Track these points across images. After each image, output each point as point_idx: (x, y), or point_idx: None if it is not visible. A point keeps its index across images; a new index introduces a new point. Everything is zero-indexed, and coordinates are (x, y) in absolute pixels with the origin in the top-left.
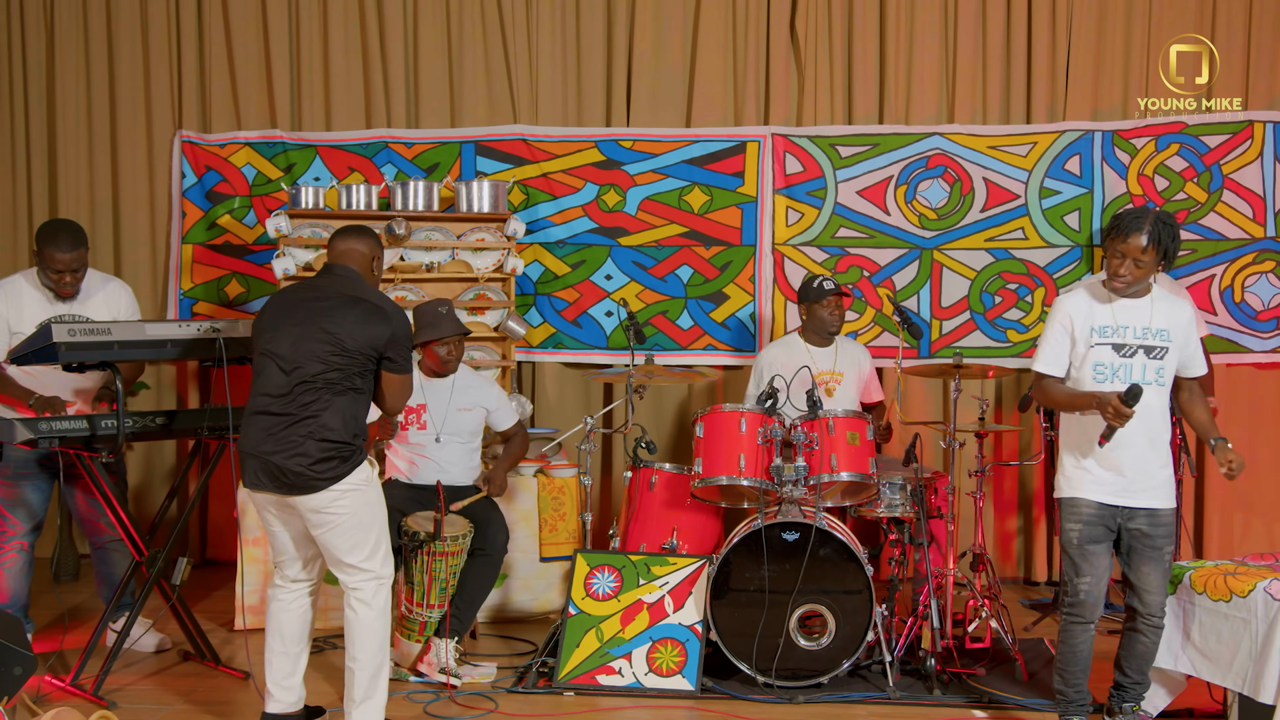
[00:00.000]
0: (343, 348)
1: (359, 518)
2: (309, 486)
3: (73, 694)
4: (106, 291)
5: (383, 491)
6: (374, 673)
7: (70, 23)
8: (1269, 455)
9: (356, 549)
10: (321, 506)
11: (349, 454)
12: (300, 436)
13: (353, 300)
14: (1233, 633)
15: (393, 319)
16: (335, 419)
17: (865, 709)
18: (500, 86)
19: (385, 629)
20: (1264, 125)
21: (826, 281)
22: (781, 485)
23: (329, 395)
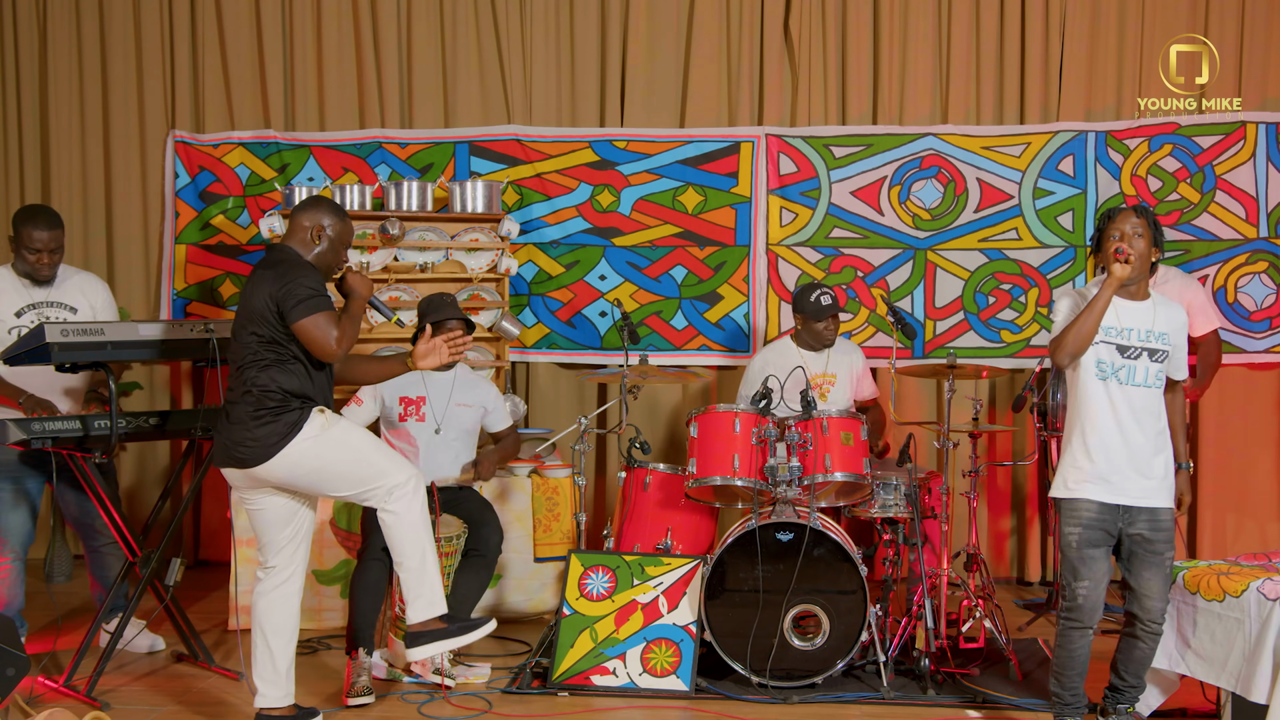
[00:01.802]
0: (250, 321)
1: (327, 462)
2: (260, 456)
3: (66, 695)
4: (81, 278)
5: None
6: (417, 571)
7: (63, 22)
8: (1262, 455)
9: (359, 482)
10: (286, 469)
11: (288, 415)
12: (243, 413)
13: (257, 275)
14: (1226, 632)
15: (282, 269)
16: (269, 386)
17: (859, 709)
18: (494, 86)
19: (418, 527)
20: (1256, 126)
21: (824, 297)
22: (776, 485)
23: (257, 370)
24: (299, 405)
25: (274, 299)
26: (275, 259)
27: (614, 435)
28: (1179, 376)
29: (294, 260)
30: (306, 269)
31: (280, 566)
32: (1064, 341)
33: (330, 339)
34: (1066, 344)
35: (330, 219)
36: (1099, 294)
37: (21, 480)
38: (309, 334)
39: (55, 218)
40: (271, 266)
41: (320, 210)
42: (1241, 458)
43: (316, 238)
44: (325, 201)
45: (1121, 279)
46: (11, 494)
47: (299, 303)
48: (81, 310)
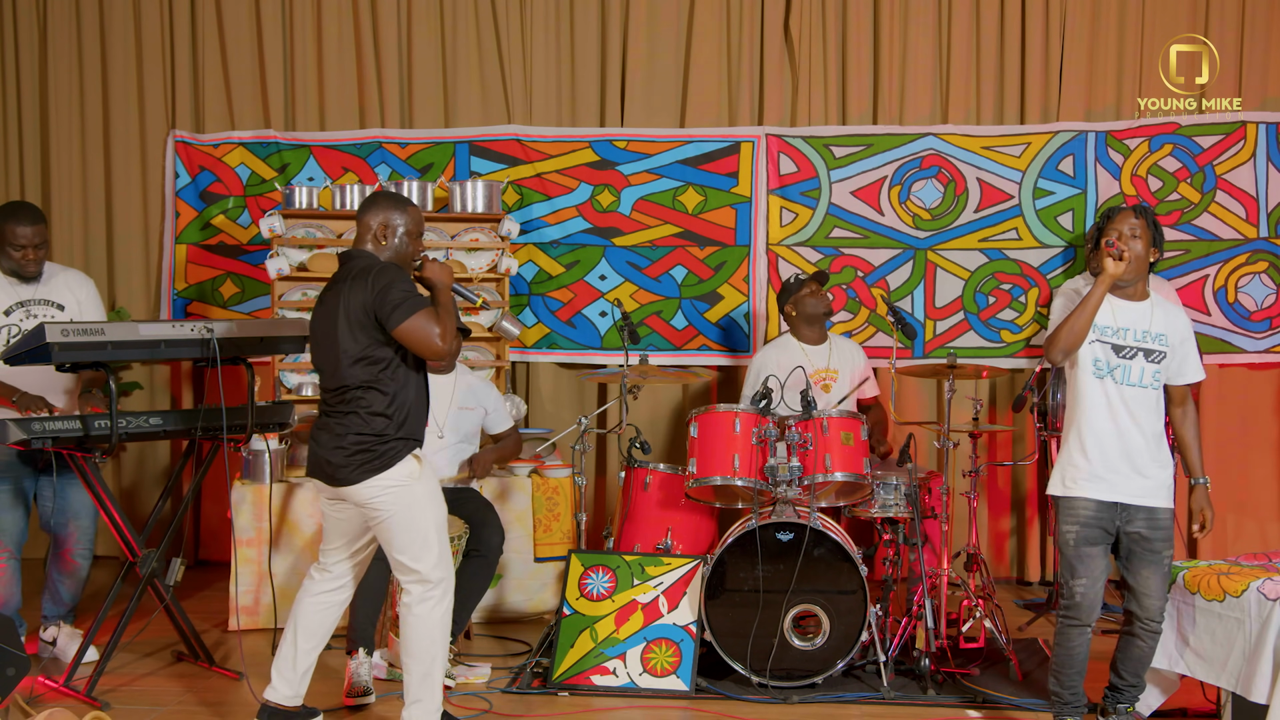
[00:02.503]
0: (346, 334)
1: (401, 516)
2: (346, 479)
3: (66, 695)
4: (68, 275)
5: (427, 497)
6: (422, 676)
7: (63, 22)
8: (1262, 456)
9: (401, 547)
10: (363, 501)
11: (383, 447)
12: (342, 430)
13: (344, 287)
14: (1226, 632)
15: (371, 274)
16: (373, 408)
17: (859, 709)
18: (494, 86)
19: (433, 635)
20: (1257, 126)
21: (801, 274)
22: (776, 485)
23: (362, 392)
24: (398, 439)
25: (369, 309)
26: (357, 267)
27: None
28: (1184, 380)
29: (376, 264)
30: (392, 271)
31: (337, 574)
32: (1057, 338)
33: (434, 337)
34: (1059, 340)
35: (394, 213)
36: (1092, 290)
37: (18, 480)
38: (412, 336)
39: (37, 213)
40: (358, 276)
41: (380, 207)
42: (1241, 458)
43: (383, 236)
44: (383, 197)
45: (1114, 275)
46: (8, 494)
47: (395, 307)
48: (69, 307)
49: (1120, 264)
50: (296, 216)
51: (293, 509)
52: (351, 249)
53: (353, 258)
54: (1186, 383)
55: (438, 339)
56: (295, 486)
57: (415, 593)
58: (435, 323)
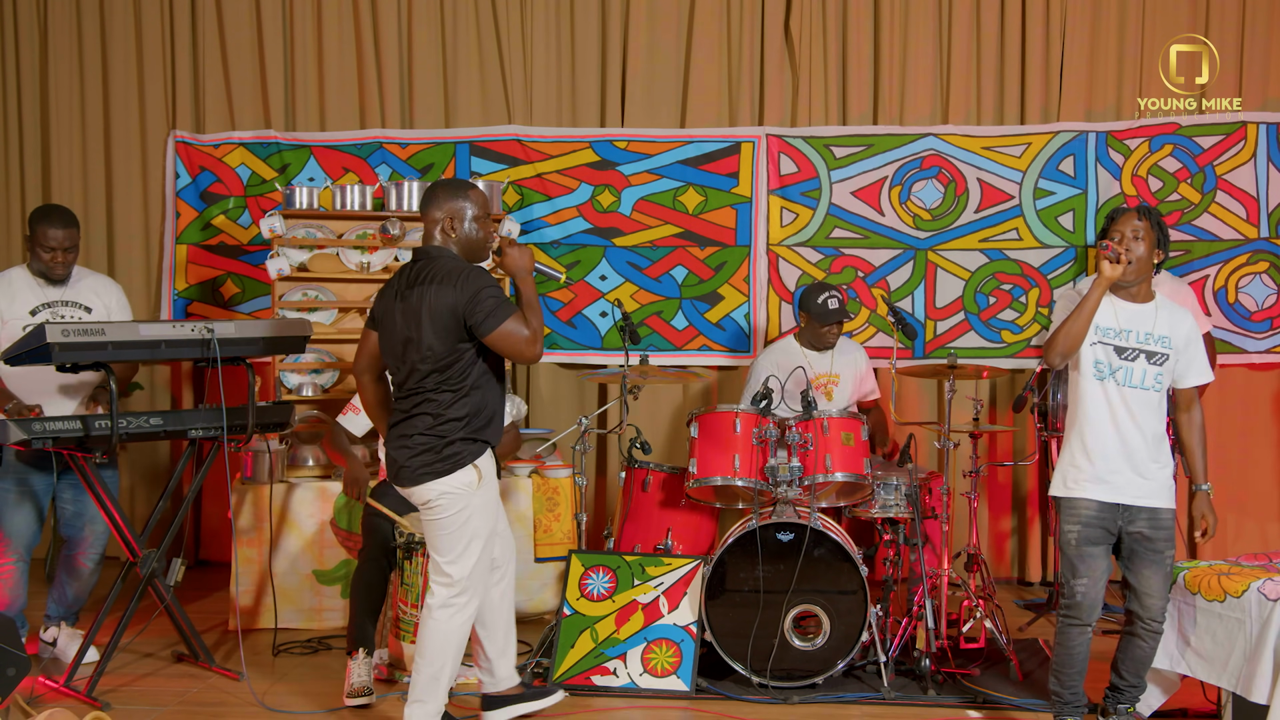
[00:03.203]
0: (426, 337)
1: (451, 521)
2: (409, 479)
3: (66, 695)
4: (96, 280)
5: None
6: (430, 678)
7: (64, 22)
8: (1262, 455)
9: (441, 549)
10: (421, 501)
11: (448, 452)
12: (409, 430)
13: (429, 290)
14: (1227, 633)
15: (459, 278)
16: (443, 415)
17: (860, 709)
18: (494, 87)
19: (448, 640)
20: (1257, 126)
21: (831, 300)
22: (776, 486)
23: (436, 394)
24: (464, 441)
25: (458, 313)
26: (442, 269)
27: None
28: (1189, 383)
29: (461, 267)
30: (477, 273)
31: None
32: (1054, 341)
33: (524, 340)
34: (1057, 343)
35: (458, 200)
36: (1089, 293)
37: (27, 480)
38: (505, 342)
39: (70, 216)
40: (444, 279)
41: (442, 198)
42: (1242, 458)
43: (452, 227)
44: (442, 186)
45: (1110, 279)
46: (16, 494)
47: (488, 315)
48: (96, 311)
49: (1117, 266)
50: (297, 217)
51: (293, 509)
52: (426, 246)
53: (432, 257)
54: (1192, 385)
55: (527, 342)
56: (295, 487)
57: (439, 595)
58: (524, 325)
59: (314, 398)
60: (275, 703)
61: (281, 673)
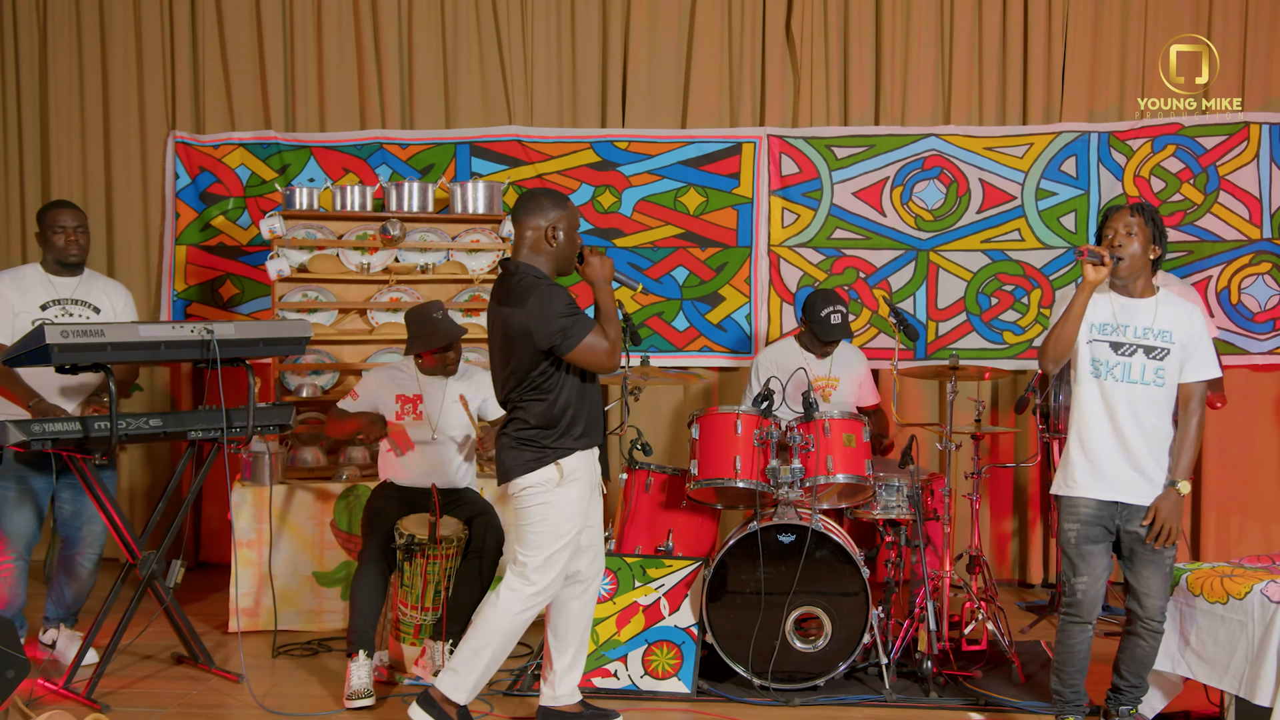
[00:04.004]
0: (506, 352)
1: (532, 514)
2: (502, 476)
3: (66, 697)
4: (107, 283)
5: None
6: (473, 650)
7: (63, 23)
8: (1265, 457)
9: (522, 542)
10: (509, 495)
11: (531, 450)
12: (503, 432)
13: (506, 312)
14: (1229, 635)
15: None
16: (525, 418)
17: (861, 711)
18: (495, 87)
19: (499, 620)
20: (1260, 126)
21: (835, 316)
22: (777, 487)
23: (523, 401)
24: (550, 446)
25: (528, 333)
26: (515, 286)
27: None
28: (1192, 378)
29: (529, 284)
30: (553, 292)
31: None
32: (1046, 347)
33: (603, 354)
34: (1048, 349)
35: (555, 212)
36: (1075, 298)
37: (26, 481)
38: (586, 357)
39: (78, 209)
40: (515, 301)
41: (548, 206)
42: (1245, 460)
43: (554, 237)
44: (543, 196)
45: (1095, 282)
46: (16, 495)
47: (566, 335)
48: (105, 312)
49: (1101, 269)
50: (297, 217)
51: (293, 511)
52: (510, 261)
53: (510, 272)
54: (1197, 380)
55: (606, 355)
56: (295, 488)
57: (510, 578)
58: (602, 337)
59: (314, 399)
60: (275, 705)
61: (281, 675)
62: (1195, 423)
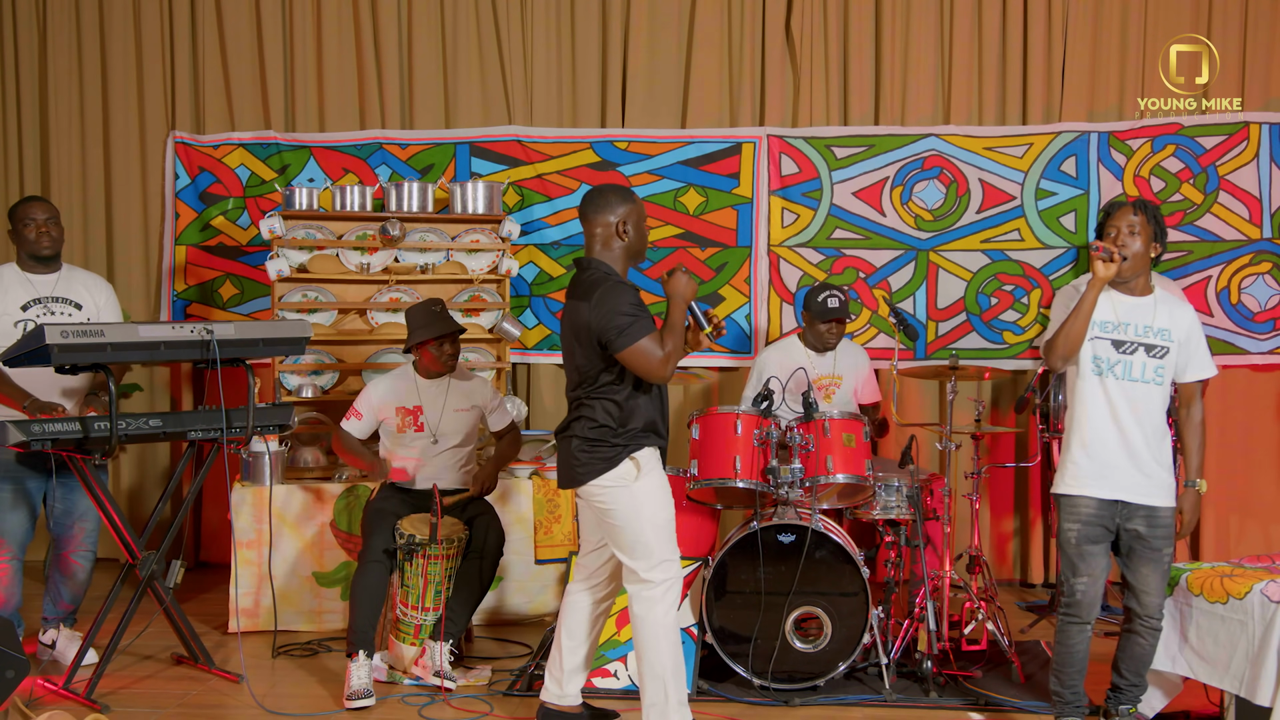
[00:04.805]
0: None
1: (620, 515)
2: (571, 480)
3: (66, 697)
4: (86, 277)
5: (646, 497)
6: (653, 676)
7: (63, 23)
8: (1265, 457)
9: (621, 546)
10: (588, 499)
11: (604, 450)
12: (570, 434)
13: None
14: (1229, 635)
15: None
16: (593, 417)
17: (861, 711)
18: (495, 87)
19: (655, 634)
20: (1260, 126)
21: (832, 299)
22: (777, 487)
23: (585, 398)
24: (620, 443)
25: (593, 330)
26: (585, 282)
27: None
28: (1190, 377)
29: (599, 281)
30: (618, 290)
31: (591, 572)
32: (1054, 344)
33: (655, 361)
34: (1056, 347)
35: (623, 206)
36: (1085, 295)
37: (21, 481)
38: (635, 361)
39: (49, 202)
40: (584, 295)
41: (615, 202)
42: (1244, 459)
43: (626, 230)
44: (611, 191)
45: (1105, 279)
46: (11, 495)
47: (620, 333)
48: (86, 307)
49: (1111, 265)
50: (296, 218)
51: (293, 511)
52: (590, 259)
53: (583, 269)
54: (1194, 379)
55: (660, 363)
56: (295, 489)
57: (633, 593)
58: (659, 346)
59: (314, 399)
60: (275, 705)
61: (281, 675)
62: (1199, 420)
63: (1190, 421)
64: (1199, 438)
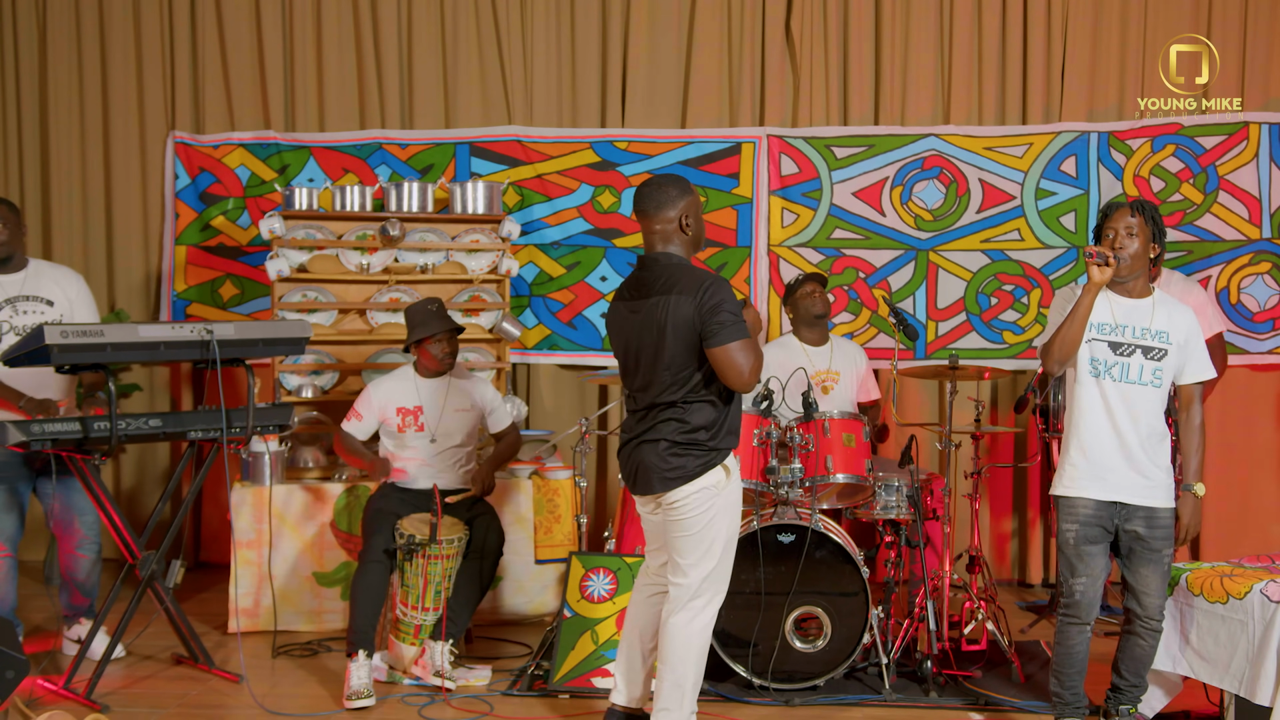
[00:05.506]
0: (667, 348)
1: (696, 521)
2: (657, 487)
3: (66, 697)
4: (56, 271)
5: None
6: (674, 684)
7: (63, 23)
8: (1265, 457)
9: (684, 550)
10: (668, 503)
11: (702, 457)
12: (655, 438)
13: (669, 301)
14: (1229, 634)
15: (703, 289)
16: (692, 425)
17: (861, 711)
18: (495, 87)
19: (689, 644)
20: (1260, 126)
21: (802, 274)
22: (777, 487)
23: (685, 404)
24: (715, 448)
25: (695, 324)
26: (684, 278)
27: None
28: (1189, 379)
29: (706, 279)
30: (724, 289)
31: (659, 575)
32: (1050, 348)
33: (746, 369)
34: (1053, 350)
35: (684, 199)
36: (1080, 299)
37: (11, 482)
38: (727, 360)
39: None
40: (686, 290)
41: (675, 196)
42: (1245, 459)
43: (688, 224)
44: (670, 183)
45: (1100, 283)
46: (4, 496)
47: (723, 327)
48: (58, 303)
49: (1106, 270)
50: (296, 218)
51: (293, 511)
52: (658, 254)
53: (664, 265)
54: (1193, 381)
55: (748, 372)
56: (295, 489)
57: (675, 598)
58: (754, 351)
59: (314, 399)
60: (275, 705)
61: (281, 675)
62: (1198, 424)
63: (1189, 424)
64: (1197, 440)
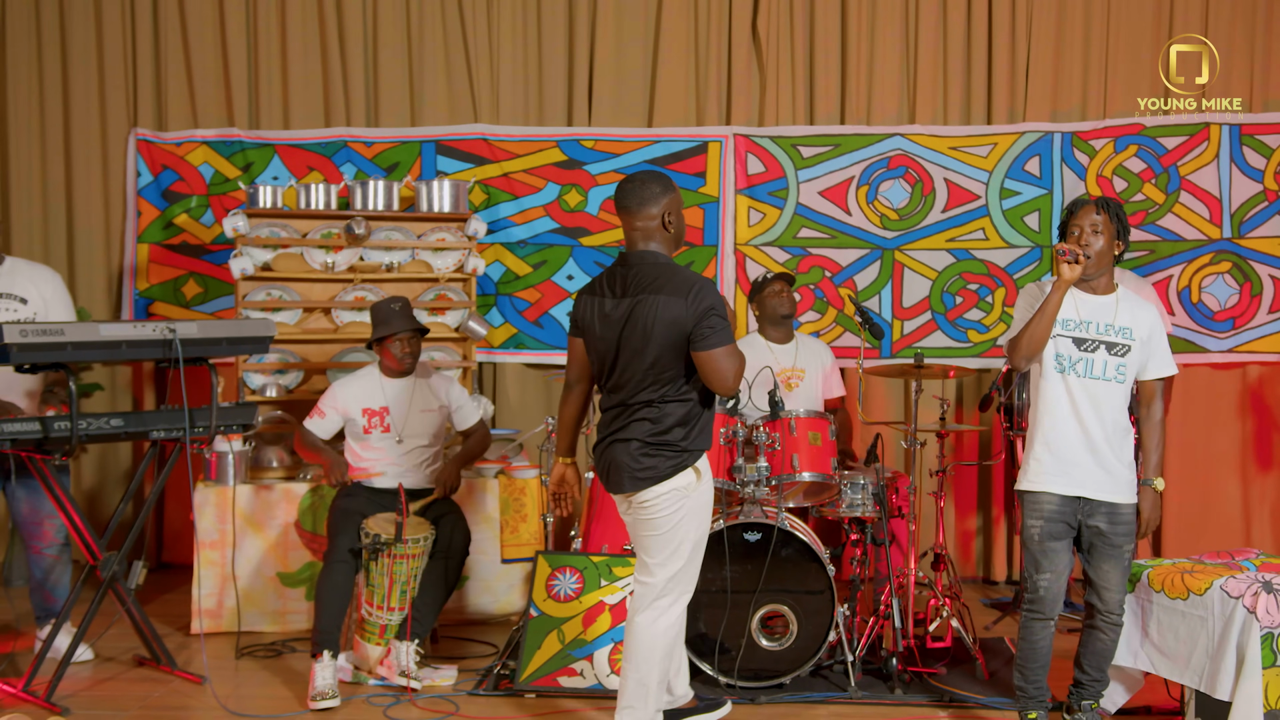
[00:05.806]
0: (651, 346)
1: (666, 522)
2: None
3: (25, 700)
4: (32, 270)
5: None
6: (638, 683)
7: (22, 17)
8: (1225, 455)
9: (652, 550)
10: (639, 502)
11: (674, 458)
12: (628, 437)
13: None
14: (1190, 630)
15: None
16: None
17: (827, 709)
18: (461, 85)
19: (653, 644)
20: (1220, 127)
21: (770, 273)
22: (743, 486)
23: (662, 403)
24: (687, 450)
25: (683, 326)
26: (669, 277)
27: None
28: (1151, 375)
29: (696, 281)
30: (715, 294)
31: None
32: (1018, 344)
33: (731, 374)
34: (1020, 347)
35: (666, 196)
36: (1049, 296)
37: None
38: (714, 364)
39: None
40: (675, 290)
41: (658, 192)
42: (1206, 457)
43: (671, 221)
44: (653, 180)
45: (1070, 280)
46: None
47: (713, 331)
48: (32, 301)
49: (1076, 268)
50: (260, 216)
51: (257, 511)
52: (642, 251)
53: (649, 262)
54: (1155, 378)
55: (735, 375)
56: (259, 489)
57: (640, 596)
58: (737, 360)
59: (278, 398)
60: (238, 706)
61: (245, 676)
62: (1159, 419)
63: (1150, 420)
64: (1158, 436)
